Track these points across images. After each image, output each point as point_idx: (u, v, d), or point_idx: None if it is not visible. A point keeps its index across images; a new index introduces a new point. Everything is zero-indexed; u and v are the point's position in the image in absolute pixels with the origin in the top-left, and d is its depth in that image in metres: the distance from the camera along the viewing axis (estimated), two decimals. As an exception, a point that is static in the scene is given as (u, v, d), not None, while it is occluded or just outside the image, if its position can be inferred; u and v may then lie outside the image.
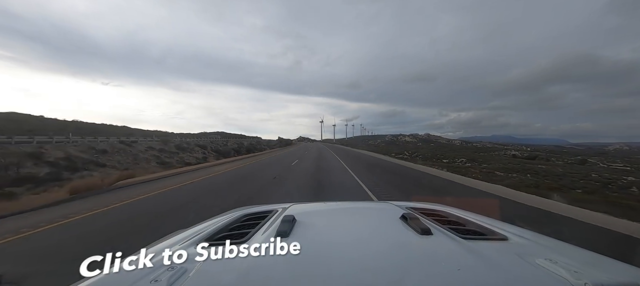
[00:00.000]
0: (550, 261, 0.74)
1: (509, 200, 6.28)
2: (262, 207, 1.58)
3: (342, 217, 1.42)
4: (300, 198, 6.43)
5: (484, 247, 0.88)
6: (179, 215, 5.35)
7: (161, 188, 8.78)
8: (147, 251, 0.84)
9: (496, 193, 7.05)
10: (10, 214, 6.07)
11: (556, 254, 0.82)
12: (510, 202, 6.11)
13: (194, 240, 0.99)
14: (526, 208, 5.60)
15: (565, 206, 5.56)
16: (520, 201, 6.14)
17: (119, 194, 8.10)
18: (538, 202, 6.01)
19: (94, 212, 5.84)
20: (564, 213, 5.08)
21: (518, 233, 1.04)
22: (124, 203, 6.72)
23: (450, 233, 0.98)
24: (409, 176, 11.02)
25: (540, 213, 5.22)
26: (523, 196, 6.69)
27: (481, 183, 9.07)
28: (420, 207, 1.52)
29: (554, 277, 0.67)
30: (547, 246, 0.94)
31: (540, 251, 0.85)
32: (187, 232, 1.13)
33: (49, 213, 6.07)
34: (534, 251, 0.84)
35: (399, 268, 0.73)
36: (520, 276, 0.70)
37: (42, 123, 26.74)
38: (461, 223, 1.20)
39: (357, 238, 1.01)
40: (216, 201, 6.55)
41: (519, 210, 5.47)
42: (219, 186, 9.09)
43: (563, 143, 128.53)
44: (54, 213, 5.92)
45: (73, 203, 7.13)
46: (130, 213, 5.79)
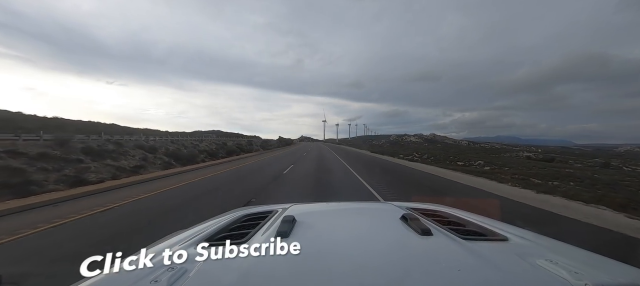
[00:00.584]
0: (550, 262, 0.74)
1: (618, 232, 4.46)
2: (262, 207, 1.57)
3: (342, 217, 1.41)
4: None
5: (484, 248, 0.89)
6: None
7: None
8: (147, 251, 0.84)
9: (582, 219, 5.25)
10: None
11: (556, 255, 0.83)
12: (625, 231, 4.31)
13: (194, 240, 0.99)
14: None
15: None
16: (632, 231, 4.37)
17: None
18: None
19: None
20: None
21: (518, 233, 1.04)
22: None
23: (450, 233, 0.99)
24: (439, 184, 9.34)
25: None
26: (623, 221, 4.97)
27: (535, 196, 7.36)
28: (420, 207, 1.53)
29: (554, 278, 0.67)
30: (548, 247, 0.94)
31: (540, 252, 0.86)
32: (187, 232, 1.13)
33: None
34: (534, 252, 0.85)
35: (399, 269, 0.74)
36: (520, 276, 0.70)
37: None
38: (461, 223, 1.20)
39: (358, 239, 1.01)
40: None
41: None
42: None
43: (568, 144, 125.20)
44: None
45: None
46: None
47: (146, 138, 21.63)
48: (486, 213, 1.46)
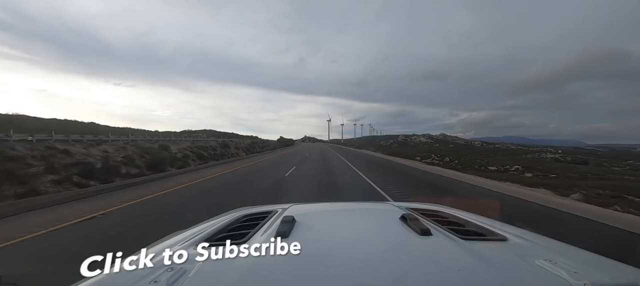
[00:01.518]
0: (549, 262, 0.74)
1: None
2: (261, 207, 1.58)
3: (341, 218, 1.41)
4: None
5: (484, 248, 0.89)
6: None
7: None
8: (147, 251, 0.84)
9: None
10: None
11: (556, 255, 0.82)
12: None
13: (194, 240, 0.99)
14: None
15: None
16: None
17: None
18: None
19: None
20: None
21: (518, 233, 1.04)
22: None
23: (449, 233, 0.98)
24: (527, 210, 6.01)
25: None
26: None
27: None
28: (420, 207, 1.53)
29: (553, 278, 0.67)
30: (547, 247, 0.94)
31: (539, 252, 0.85)
32: (188, 232, 1.14)
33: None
34: (533, 252, 0.84)
35: (398, 269, 0.74)
36: (519, 276, 0.70)
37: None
38: (461, 223, 1.21)
39: (357, 239, 1.01)
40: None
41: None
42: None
43: (579, 144, 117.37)
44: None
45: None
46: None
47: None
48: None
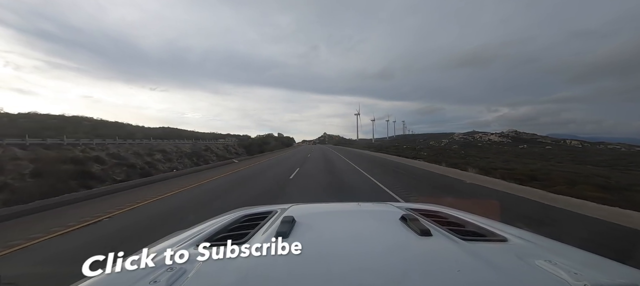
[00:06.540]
0: (549, 263, 0.73)
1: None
2: (261, 207, 1.56)
3: (341, 218, 1.38)
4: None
5: (484, 248, 0.88)
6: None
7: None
8: (149, 251, 0.83)
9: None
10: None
11: (556, 255, 0.82)
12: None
13: (195, 240, 0.99)
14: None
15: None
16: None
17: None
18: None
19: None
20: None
21: (518, 234, 1.03)
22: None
23: (449, 234, 0.97)
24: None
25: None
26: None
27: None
28: (420, 208, 1.50)
29: (553, 278, 0.66)
30: (547, 248, 0.93)
31: (539, 253, 0.85)
32: (188, 232, 1.13)
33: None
34: (533, 253, 0.84)
35: (398, 269, 0.73)
36: (519, 277, 0.70)
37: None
38: (461, 224, 1.19)
39: (357, 239, 1.00)
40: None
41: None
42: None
43: (638, 143, 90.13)
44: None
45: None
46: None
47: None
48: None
